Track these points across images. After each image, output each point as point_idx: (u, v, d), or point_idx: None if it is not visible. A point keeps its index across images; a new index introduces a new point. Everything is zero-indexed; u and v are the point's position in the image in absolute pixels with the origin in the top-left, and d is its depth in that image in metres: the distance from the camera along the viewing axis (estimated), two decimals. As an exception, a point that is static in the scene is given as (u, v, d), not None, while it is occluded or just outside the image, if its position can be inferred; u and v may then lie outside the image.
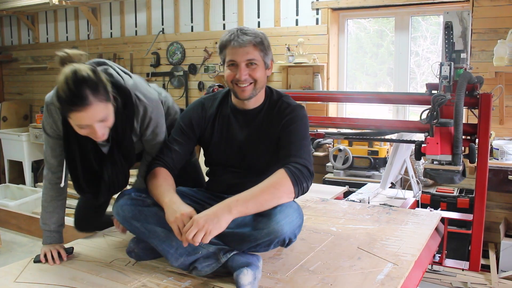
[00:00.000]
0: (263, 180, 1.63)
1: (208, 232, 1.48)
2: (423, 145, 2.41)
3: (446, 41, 2.44)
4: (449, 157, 2.30)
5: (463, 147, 2.33)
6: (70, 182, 1.80)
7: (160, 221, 1.66)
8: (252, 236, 1.57)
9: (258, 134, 1.83)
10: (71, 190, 1.98)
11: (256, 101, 1.83)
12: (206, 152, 1.96)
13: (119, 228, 1.93)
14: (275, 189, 1.59)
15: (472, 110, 2.52)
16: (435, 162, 2.35)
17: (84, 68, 1.51)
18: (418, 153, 2.44)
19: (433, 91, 2.52)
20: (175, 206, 1.59)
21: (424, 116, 2.34)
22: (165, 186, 1.71)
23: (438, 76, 2.44)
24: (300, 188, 1.64)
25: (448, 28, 2.41)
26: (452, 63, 2.40)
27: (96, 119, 1.54)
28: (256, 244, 1.58)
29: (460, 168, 2.29)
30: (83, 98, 1.48)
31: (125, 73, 1.76)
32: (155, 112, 1.78)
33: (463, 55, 2.44)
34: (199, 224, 1.49)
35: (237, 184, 1.80)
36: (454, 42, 2.45)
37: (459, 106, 2.24)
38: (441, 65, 2.41)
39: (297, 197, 1.66)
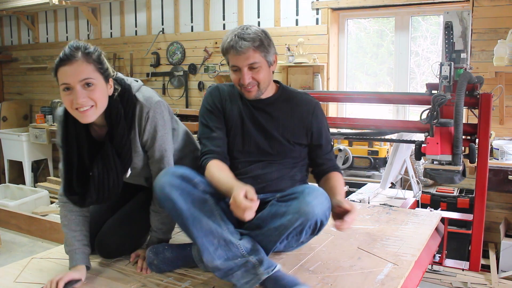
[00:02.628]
0: (335, 180, 1.87)
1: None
2: (423, 145, 2.41)
3: (446, 41, 2.43)
4: (449, 157, 2.30)
5: (463, 147, 2.33)
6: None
7: (208, 212, 1.58)
8: (282, 225, 1.53)
9: (281, 119, 1.85)
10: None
11: (266, 93, 1.86)
12: (228, 140, 1.88)
13: (140, 268, 1.73)
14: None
15: (472, 110, 2.52)
16: (435, 162, 2.35)
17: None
18: (418, 153, 2.44)
19: (433, 91, 2.52)
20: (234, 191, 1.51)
21: (424, 116, 2.34)
22: (223, 177, 1.67)
23: (438, 76, 2.44)
24: None
25: (448, 28, 2.41)
26: (452, 63, 2.40)
27: (79, 78, 1.50)
28: (288, 233, 1.54)
29: (460, 168, 2.29)
30: (71, 55, 1.51)
31: (135, 80, 1.75)
32: (153, 112, 1.67)
33: (463, 55, 2.44)
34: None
35: (263, 175, 1.83)
36: (454, 42, 2.45)
37: (459, 106, 2.24)
38: (441, 65, 2.41)
39: None
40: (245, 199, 1.45)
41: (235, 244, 1.56)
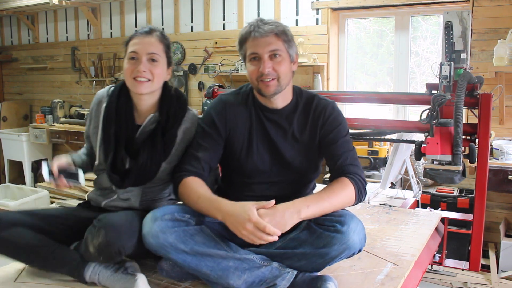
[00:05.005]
0: (326, 187, 1.55)
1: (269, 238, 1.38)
2: (423, 145, 2.41)
3: (446, 41, 2.43)
4: (449, 157, 2.30)
5: (463, 147, 2.33)
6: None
7: (211, 240, 1.50)
8: (329, 255, 1.45)
9: (297, 135, 1.68)
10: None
11: (284, 99, 1.68)
12: (234, 161, 1.71)
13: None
14: (342, 199, 1.52)
15: (472, 110, 2.52)
16: (435, 162, 2.35)
17: None
18: (418, 153, 2.44)
19: (433, 91, 2.52)
20: (238, 212, 1.41)
21: (424, 116, 2.34)
22: (206, 195, 1.52)
23: (438, 76, 2.44)
24: (359, 201, 1.58)
25: (448, 28, 2.41)
26: (452, 63, 2.40)
27: (148, 51, 1.64)
28: (324, 260, 1.48)
29: (460, 168, 2.29)
30: (150, 30, 1.68)
31: None
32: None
33: (463, 55, 2.44)
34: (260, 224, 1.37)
35: (274, 196, 1.57)
36: (454, 42, 2.45)
37: (459, 106, 2.24)
38: (441, 65, 2.41)
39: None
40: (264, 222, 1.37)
41: (250, 258, 1.51)
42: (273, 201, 1.42)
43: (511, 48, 3.16)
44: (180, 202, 1.66)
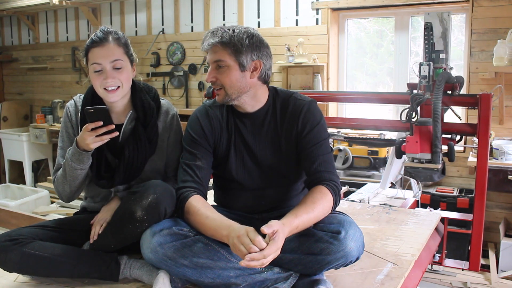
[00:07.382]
0: (309, 199, 1.50)
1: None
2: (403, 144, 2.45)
3: (426, 42, 2.47)
4: (428, 156, 2.35)
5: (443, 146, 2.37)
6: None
7: (210, 248, 1.49)
8: (325, 261, 1.45)
9: (273, 139, 1.67)
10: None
11: (256, 102, 1.66)
12: (220, 169, 1.72)
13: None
14: (323, 211, 1.50)
15: (452, 109, 2.55)
16: (415, 161, 2.38)
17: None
18: (399, 152, 2.48)
19: (414, 91, 2.54)
20: (232, 233, 1.39)
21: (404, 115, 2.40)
22: (211, 217, 1.49)
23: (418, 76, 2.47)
24: (335, 208, 1.58)
25: (427, 29, 2.46)
26: (431, 63, 2.42)
27: (111, 59, 1.62)
28: (328, 268, 1.49)
29: (439, 166, 2.32)
30: (104, 38, 1.64)
31: None
32: (177, 116, 1.84)
33: (442, 55, 2.47)
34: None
35: (259, 204, 1.71)
36: (435, 42, 2.47)
37: (437, 105, 2.27)
38: (421, 65, 2.43)
39: None
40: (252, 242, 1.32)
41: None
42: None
43: (511, 48, 3.16)
44: None
